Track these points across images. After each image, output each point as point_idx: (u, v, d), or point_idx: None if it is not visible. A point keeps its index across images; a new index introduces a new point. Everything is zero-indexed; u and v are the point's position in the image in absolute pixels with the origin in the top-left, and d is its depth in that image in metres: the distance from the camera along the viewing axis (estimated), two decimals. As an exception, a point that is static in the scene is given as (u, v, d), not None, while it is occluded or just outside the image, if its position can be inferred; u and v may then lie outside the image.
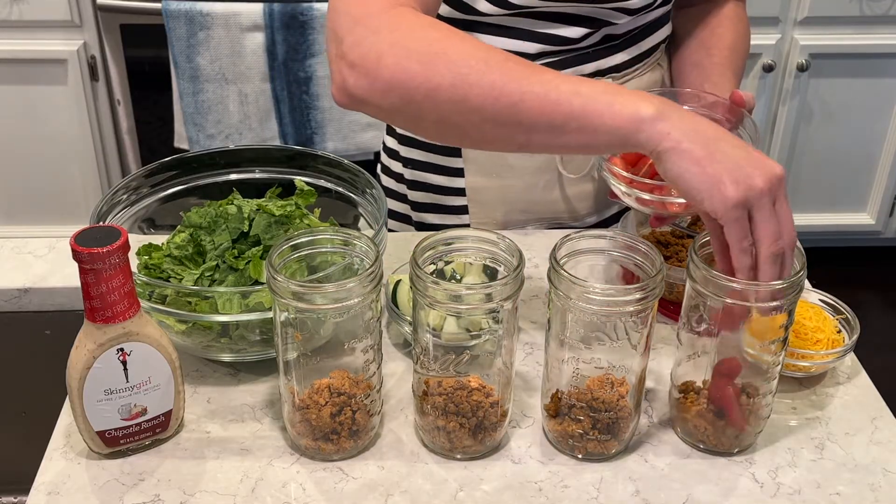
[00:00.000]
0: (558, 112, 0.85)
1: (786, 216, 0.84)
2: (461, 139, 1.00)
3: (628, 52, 1.20)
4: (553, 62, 1.16)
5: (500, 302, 0.84)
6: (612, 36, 1.18)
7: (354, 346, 0.88)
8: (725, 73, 1.18)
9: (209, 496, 0.88)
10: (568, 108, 0.85)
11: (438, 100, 0.88)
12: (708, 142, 0.83)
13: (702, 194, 0.82)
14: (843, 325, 1.06)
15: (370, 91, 0.89)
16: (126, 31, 2.37)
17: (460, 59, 0.87)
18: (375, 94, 0.90)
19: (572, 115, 0.85)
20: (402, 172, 1.31)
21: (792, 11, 2.49)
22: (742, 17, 1.27)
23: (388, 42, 0.89)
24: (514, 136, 0.90)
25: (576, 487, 0.89)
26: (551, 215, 1.28)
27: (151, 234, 1.11)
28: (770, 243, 0.83)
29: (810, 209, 2.78)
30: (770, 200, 0.82)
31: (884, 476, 0.92)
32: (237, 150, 1.17)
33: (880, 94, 2.61)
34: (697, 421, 0.93)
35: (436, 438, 0.92)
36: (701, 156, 0.82)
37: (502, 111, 0.87)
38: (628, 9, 1.13)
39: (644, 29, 1.21)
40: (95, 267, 0.81)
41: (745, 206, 0.82)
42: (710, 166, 0.82)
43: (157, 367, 0.89)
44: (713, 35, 1.23)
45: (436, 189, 1.28)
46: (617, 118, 0.84)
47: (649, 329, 0.87)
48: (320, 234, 0.91)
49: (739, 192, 0.81)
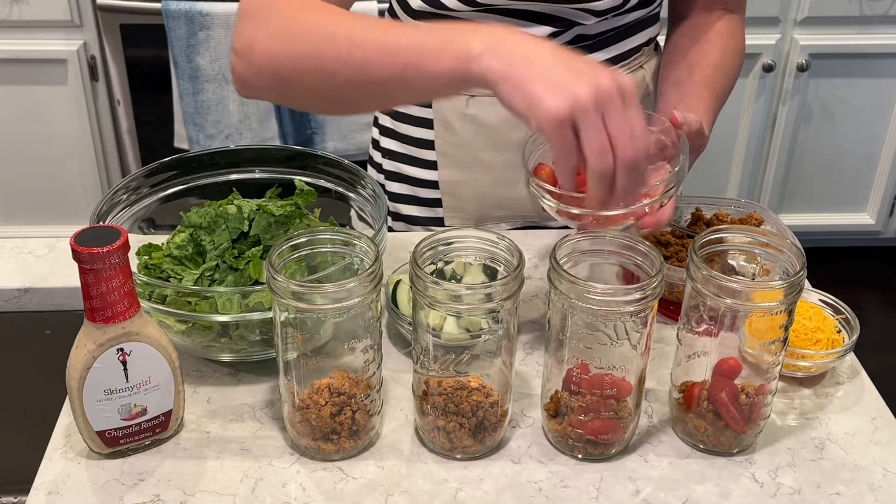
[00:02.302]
0: (397, 63, 0.87)
1: (620, 129, 0.79)
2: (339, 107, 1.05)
3: (603, 53, 1.19)
4: None
5: (500, 302, 0.84)
6: (585, 36, 1.17)
7: (354, 346, 0.88)
8: (703, 94, 1.14)
9: (209, 496, 0.88)
10: (405, 57, 0.86)
11: (302, 72, 0.93)
12: (533, 63, 0.81)
13: (527, 115, 0.80)
14: (843, 325, 1.06)
15: (249, 75, 0.96)
16: (126, 31, 2.38)
17: (316, 30, 0.92)
18: (253, 77, 0.96)
19: (410, 63, 0.86)
20: (381, 163, 1.32)
21: (792, 11, 2.49)
22: (735, 31, 1.24)
23: (263, 28, 0.95)
24: (372, 94, 0.93)
25: (576, 487, 0.89)
26: (523, 213, 1.28)
27: (151, 234, 1.12)
28: (595, 159, 0.79)
29: (810, 209, 2.78)
30: (596, 112, 0.79)
31: (884, 476, 0.92)
32: (237, 150, 1.17)
33: (880, 94, 2.61)
34: (697, 421, 0.93)
35: (436, 438, 0.92)
36: (522, 77, 0.80)
37: (355, 72, 0.90)
38: (594, 10, 1.13)
39: (621, 31, 1.20)
40: (95, 267, 0.81)
41: (567, 120, 0.79)
42: (530, 85, 0.80)
43: (156, 367, 0.89)
44: (699, 52, 1.20)
45: (411, 181, 1.29)
46: (450, 60, 0.84)
47: (649, 329, 0.87)
48: (320, 234, 0.91)
49: (559, 105, 0.78)
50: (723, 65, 1.20)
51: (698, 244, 0.90)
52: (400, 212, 1.33)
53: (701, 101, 1.13)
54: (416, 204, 1.30)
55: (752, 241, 0.92)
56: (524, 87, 0.80)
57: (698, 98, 1.14)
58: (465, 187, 1.26)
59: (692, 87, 1.15)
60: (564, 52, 0.83)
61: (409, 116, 1.27)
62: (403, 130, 1.28)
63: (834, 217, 2.79)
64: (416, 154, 1.28)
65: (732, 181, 2.73)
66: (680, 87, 1.16)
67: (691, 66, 1.18)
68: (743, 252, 0.93)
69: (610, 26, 1.18)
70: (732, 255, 0.94)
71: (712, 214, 1.21)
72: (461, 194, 1.27)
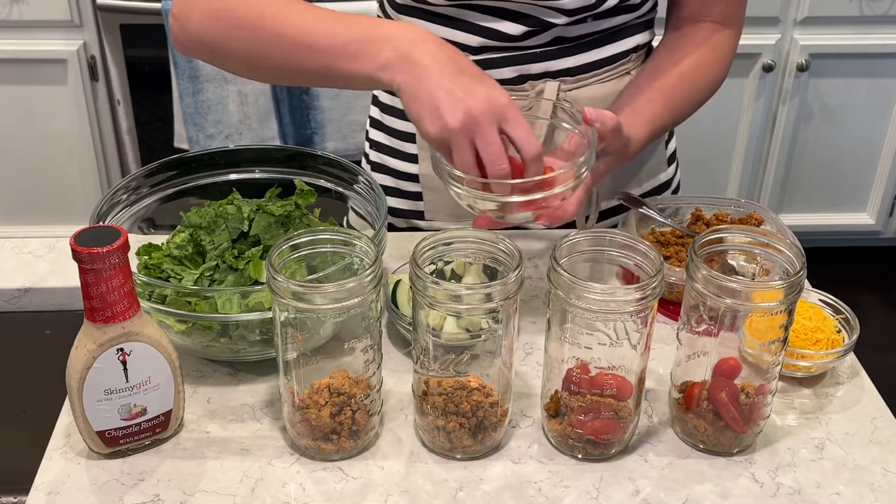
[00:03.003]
0: (318, 60, 0.98)
1: (486, 149, 0.90)
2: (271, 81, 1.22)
3: (583, 56, 1.18)
4: (496, 58, 1.17)
5: (500, 302, 0.84)
6: (563, 38, 1.16)
7: (354, 346, 0.88)
8: (654, 99, 1.12)
9: (209, 496, 0.88)
10: (324, 57, 0.97)
11: (232, 51, 1.03)
12: (427, 80, 0.91)
13: (424, 127, 0.91)
14: (843, 325, 1.06)
15: (185, 41, 1.06)
16: (126, 31, 2.38)
17: (247, 12, 1.01)
18: (189, 45, 1.06)
19: (328, 63, 0.97)
20: (369, 153, 1.33)
21: (792, 11, 2.49)
22: (719, 46, 1.19)
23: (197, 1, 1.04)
24: (299, 79, 1.06)
25: (576, 487, 0.89)
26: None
27: (151, 234, 1.12)
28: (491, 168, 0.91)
29: (810, 209, 2.78)
30: (464, 136, 0.90)
31: (884, 476, 0.92)
32: (237, 150, 1.17)
33: (880, 94, 2.61)
34: (697, 421, 0.93)
35: (436, 438, 0.92)
36: (415, 93, 0.92)
37: (281, 60, 1.00)
38: (562, 9, 1.12)
39: (605, 35, 1.18)
40: (95, 267, 0.81)
41: (439, 141, 0.91)
42: (418, 105, 0.91)
43: (156, 367, 0.89)
44: (670, 60, 1.17)
45: (394, 173, 1.29)
46: (364, 65, 0.95)
47: (649, 329, 0.87)
48: (320, 234, 0.91)
49: (432, 129, 0.91)
50: (691, 77, 1.16)
51: (698, 244, 0.90)
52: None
53: (649, 106, 1.11)
54: (398, 196, 1.30)
55: (752, 241, 0.92)
56: (414, 105, 0.92)
57: (648, 102, 1.12)
58: None
59: (647, 91, 1.13)
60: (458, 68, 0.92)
61: (395, 109, 1.27)
62: (389, 122, 1.28)
63: (834, 217, 2.79)
64: (399, 147, 1.28)
65: (732, 181, 2.73)
66: (636, 90, 1.15)
67: (657, 72, 1.16)
68: (743, 252, 0.93)
69: (590, 29, 1.16)
70: (732, 255, 0.94)
71: (712, 214, 1.21)
72: (440, 188, 1.26)
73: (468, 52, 1.17)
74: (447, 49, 0.94)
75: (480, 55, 1.17)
